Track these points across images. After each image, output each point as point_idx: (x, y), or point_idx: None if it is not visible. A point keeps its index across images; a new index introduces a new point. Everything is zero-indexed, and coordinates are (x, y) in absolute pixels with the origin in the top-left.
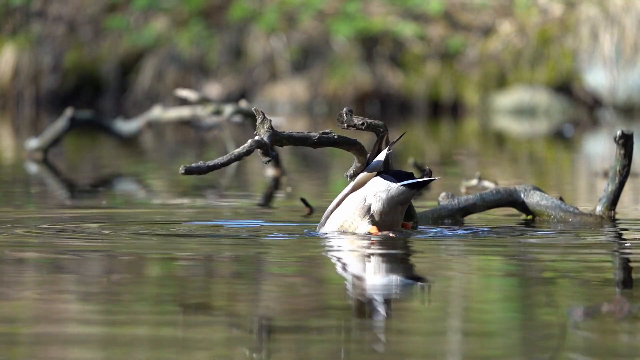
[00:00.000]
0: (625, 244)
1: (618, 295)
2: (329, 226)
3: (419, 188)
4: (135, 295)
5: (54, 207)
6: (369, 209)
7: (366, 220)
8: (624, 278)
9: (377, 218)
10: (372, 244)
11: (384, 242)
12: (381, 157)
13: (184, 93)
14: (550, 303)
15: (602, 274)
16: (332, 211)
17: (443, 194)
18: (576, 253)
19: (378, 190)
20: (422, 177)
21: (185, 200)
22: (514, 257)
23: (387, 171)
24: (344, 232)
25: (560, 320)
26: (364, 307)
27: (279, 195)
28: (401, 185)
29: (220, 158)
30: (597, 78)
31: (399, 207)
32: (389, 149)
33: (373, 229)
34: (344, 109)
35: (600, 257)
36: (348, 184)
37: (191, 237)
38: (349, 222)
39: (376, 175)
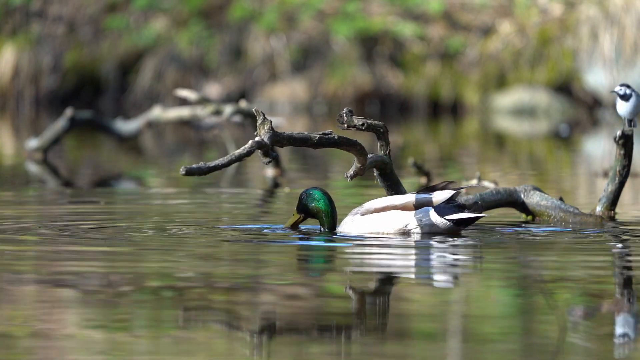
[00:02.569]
0: (617, 245)
1: (617, 296)
2: (358, 226)
3: (465, 224)
4: (135, 302)
5: (53, 207)
6: (407, 233)
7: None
8: (623, 278)
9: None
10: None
11: (385, 245)
12: (446, 194)
13: (184, 93)
14: (550, 303)
15: (602, 274)
16: (366, 212)
17: None
18: (576, 253)
19: (424, 223)
20: (473, 213)
21: (184, 201)
22: (514, 257)
23: (440, 202)
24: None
25: (560, 320)
26: (363, 314)
27: (278, 196)
28: (448, 222)
29: (220, 159)
30: (597, 78)
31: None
32: (456, 192)
33: None
34: (344, 109)
35: (600, 257)
36: (348, 184)
37: (190, 238)
38: (380, 234)
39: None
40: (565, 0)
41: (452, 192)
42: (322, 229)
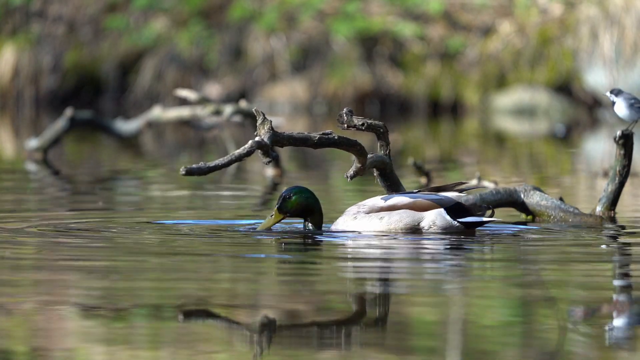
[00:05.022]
0: (617, 246)
1: (617, 296)
2: (365, 224)
3: (474, 227)
4: (136, 298)
5: (53, 207)
6: (417, 231)
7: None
8: (623, 278)
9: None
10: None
11: (386, 244)
12: (454, 195)
13: (184, 93)
14: (550, 304)
15: (602, 274)
16: (371, 210)
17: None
18: (576, 253)
19: (436, 225)
20: (484, 216)
21: (183, 201)
22: (514, 257)
23: (449, 204)
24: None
25: (560, 320)
26: (362, 315)
27: (277, 196)
28: (461, 225)
29: (220, 159)
30: (597, 78)
31: None
32: (462, 192)
33: None
34: (344, 109)
35: (600, 257)
36: (348, 184)
37: (189, 238)
38: (389, 231)
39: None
40: (565, 0)
41: (461, 195)
42: (311, 227)
